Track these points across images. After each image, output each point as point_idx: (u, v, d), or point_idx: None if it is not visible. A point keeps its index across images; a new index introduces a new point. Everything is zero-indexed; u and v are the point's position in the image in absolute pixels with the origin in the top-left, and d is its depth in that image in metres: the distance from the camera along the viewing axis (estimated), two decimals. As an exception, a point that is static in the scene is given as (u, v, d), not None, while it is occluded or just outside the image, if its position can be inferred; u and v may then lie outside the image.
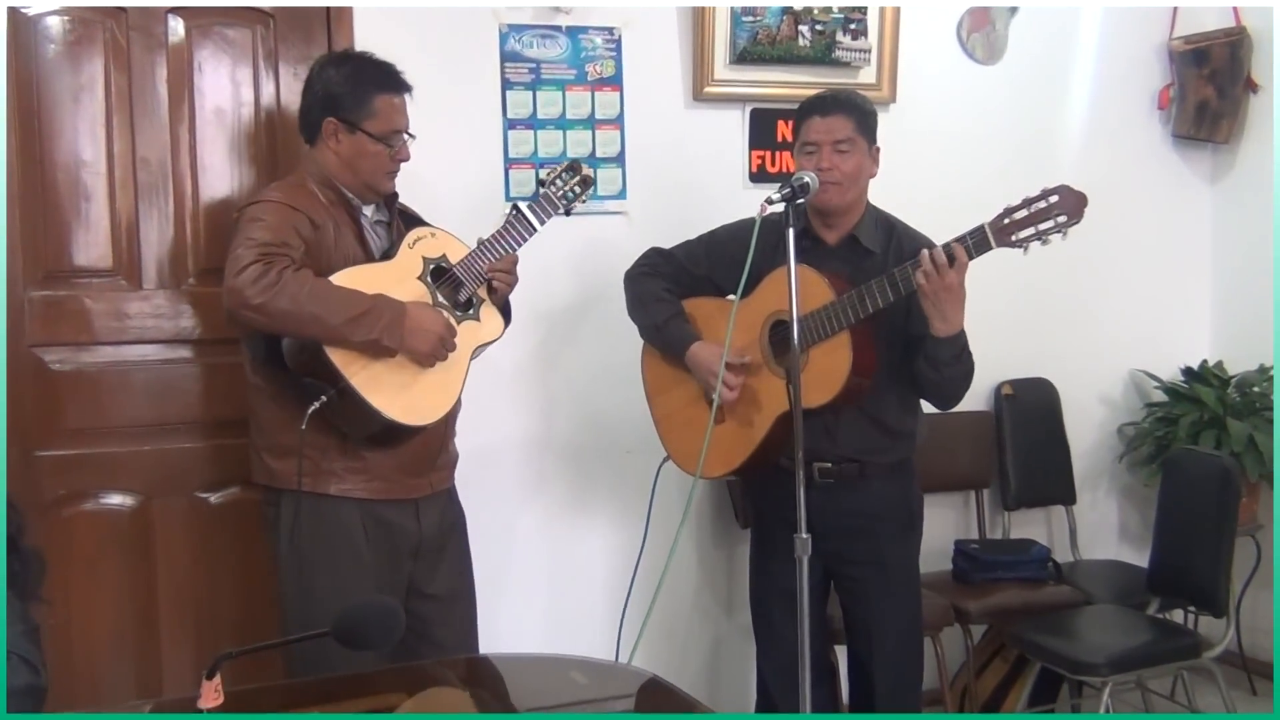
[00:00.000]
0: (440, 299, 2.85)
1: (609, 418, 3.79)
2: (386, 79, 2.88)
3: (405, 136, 2.89)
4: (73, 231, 3.27)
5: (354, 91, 2.84)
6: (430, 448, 2.92)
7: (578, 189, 3.04)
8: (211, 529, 3.41)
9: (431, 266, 2.86)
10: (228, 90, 3.37)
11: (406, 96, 2.91)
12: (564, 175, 3.04)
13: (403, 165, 2.93)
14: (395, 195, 3.01)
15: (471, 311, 2.90)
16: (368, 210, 2.94)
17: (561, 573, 3.81)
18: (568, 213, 3.05)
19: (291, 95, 3.40)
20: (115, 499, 3.34)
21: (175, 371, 3.38)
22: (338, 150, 2.86)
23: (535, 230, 2.96)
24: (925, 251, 2.78)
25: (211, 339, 3.38)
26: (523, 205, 2.98)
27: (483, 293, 2.92)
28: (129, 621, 3.34)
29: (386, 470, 2.85)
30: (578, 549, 3.82)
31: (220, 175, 3.37)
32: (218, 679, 1.67)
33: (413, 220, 3.02)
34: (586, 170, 3.06)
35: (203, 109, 3.34)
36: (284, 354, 2.75)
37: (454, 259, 2.89)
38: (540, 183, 3.03)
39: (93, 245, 3.29)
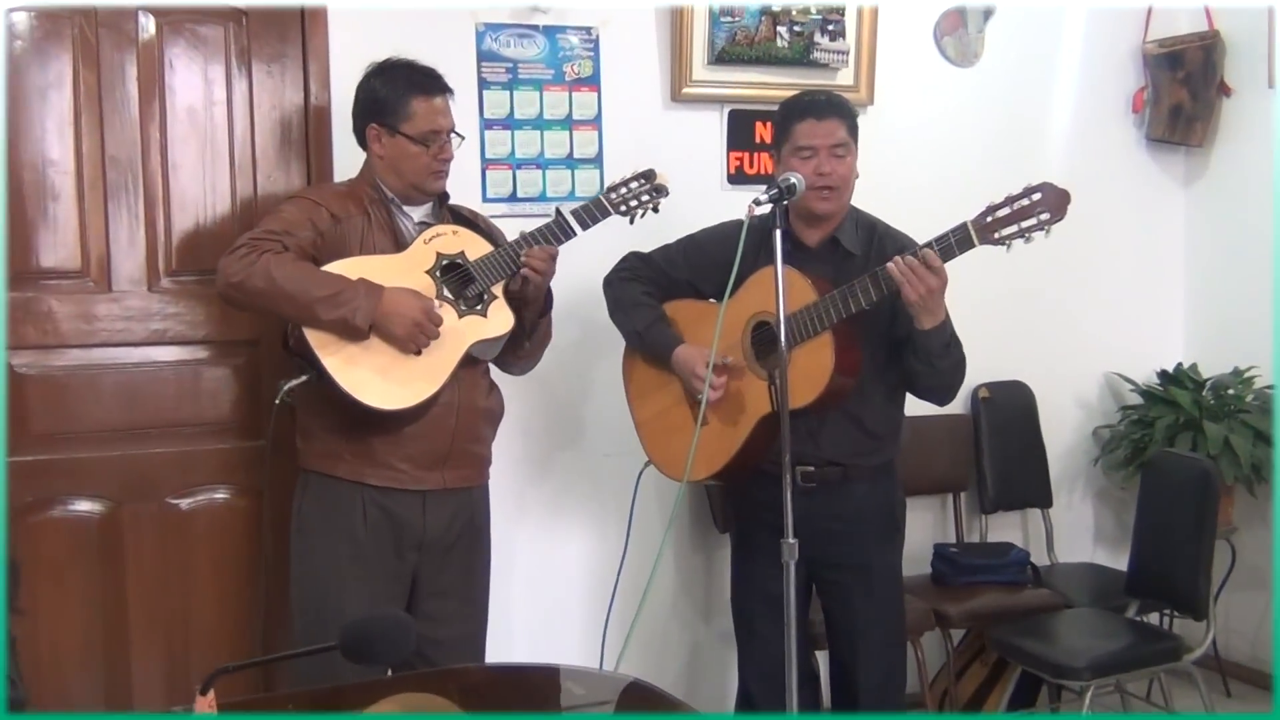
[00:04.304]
0: (446, 293, 2.88)
1: (587, 422, 3.77)
2: (422, 81, 2.94)
3: (447, 136, 2.95)
4: (39, 231, 3.20)
5: (391, 96, 2.91)
6: (437, 442, 2.92)
7: (647, 196, 3.06)
8: (182, 535, 3.36)
9: (444, 262, 2.90)
10: (199, 89, 3.31)
11: (449, 98, 2.97)
12: (633, 182, 3.07)
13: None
14: (447, 196, 3.06)
15: (479, 308, 2.91)
16: (417, 212, 3.00)
17: (540, 579, 3.76)
18: (630, 219, 3.08)
19: (264, 93, 3.37)
20: (84, 505, 3.28)
21: (145, 375, 3.32)
22: (382, 154, 2.94)
23: (572, 234, 2.99)
24: (896, 260, 2.75)
25: (182, 341, 3.33)
26: (565, 209, 3.01)
27: (496, 290, 2.93)
28: (98, 631, 3.28)
29: (392, 459, 2.89)
30: (556, 555, 3.78)
31: (192, 175, 3.31)
32: (211, 695, 1.61)
33: (465, 220, 3.05)
34: (661, 178, 3.07)
35: (174, 107, 3.29)
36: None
37: (473, 257, 2.92)
38: (609, 188, 3.07)
39: (60, 246, 3.22)
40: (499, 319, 2.94)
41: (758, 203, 2.65)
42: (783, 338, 2.63)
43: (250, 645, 3.37)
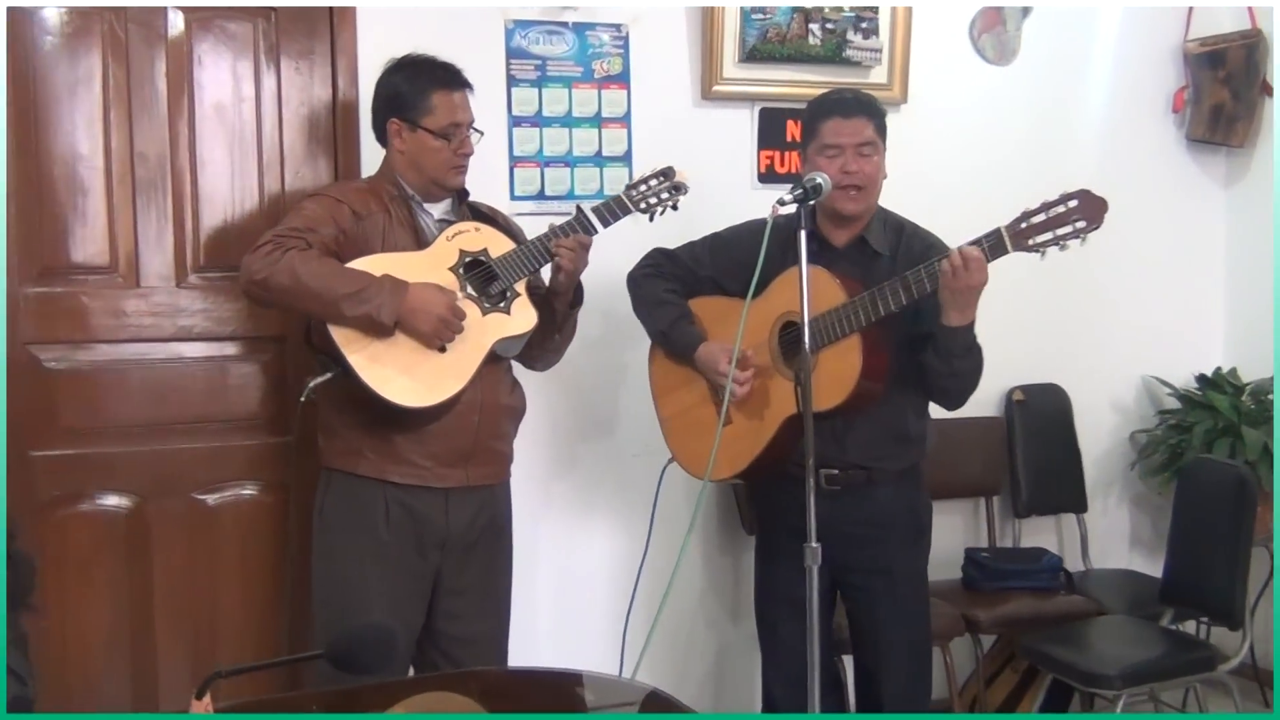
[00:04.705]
0: (469, 290, 2.87)
1: (615, 419, 3.75)
2: (443, 76, 2.93)
3: (468, 131, 2.95)
4: (69, 227, 3.21)
5: (412, 91, 2.91)
6: (460, 440, 2.91)
7: (666, 194, 3.05)
8: (209, 531, 3.36)
9: (468, 259, 2.90)
10: (228, 85, 3.31)
11: (468, 93, 2.97)
12: (652, 179, 3.06)
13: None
14: (466, 193, 3.06)
15: (502, 305, 2.90)
16: (437, 209, 3.00)
17: (566, 578, 3.75)
18: (650, 216, 3.07)
19: (293, 89, 3.37)
20: (111, 500, 3.29)
21: (173, 371, 3.32)
22: (402, 149, 2.94)
23: (593, 231, 2.99)
24: (954, 251, 2.70)
25: (210, 337, 3.34)
26: (586, 206, 3.00)
27: (519, 288, 2.93)
28: (124, 626, 3.29)
29: (415, 457, 2.88)
30: (583, 553, 3.77)
31: (220, 171, 3.31)
32: (207, 699, 1.60)
33: (484, 217, 3.05)
34: (680, 176, 3.06)
35: (202, 104, 3.29)
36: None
37: (495, 255, 2.92)
38: (629, 185, 3.08)
39: (89, 241, 3.23)
40: (522, 317, 2.94)
41: (782, 202, 2.62)
42: (806, 340, 2.60)
43: (277, 642, 3.37)
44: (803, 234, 2.58)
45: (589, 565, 3.77)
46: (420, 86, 2.90)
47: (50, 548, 3.18)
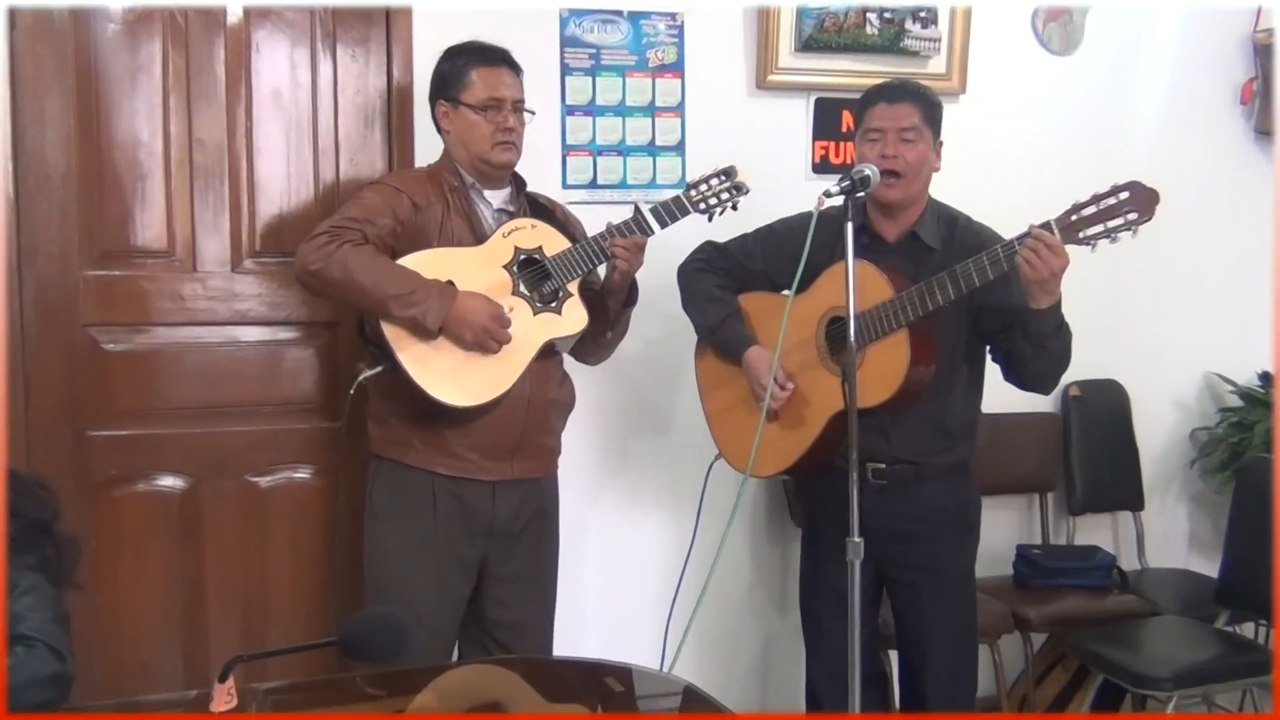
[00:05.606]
0: (521, 288, 2.89)
1: (671, 418, 3.75)
2: (482, 53, 2.96)
3: (511, 107, 2.93)
4: (129, 212, 3.26)
5: (454, 70, 2.95)
6: (507, 434, 2.92)
7: (726, 194, 3.04)
8: (261, 513, 3.41)
9: (522, 257, 2.90)
10: (285, 72, 3.34)
11: (515, 72, 2.97)
12: (713, 179, 3.04)
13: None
14: (524, 183, 3.06)
15: (554, 305, 2.91)
16: (496, 198, 3.01)
17: (615, 569, 3.76)
18: (709, 217, 3.05)
19: (349, 77, 3.39)
20: (166, 481, 3.34)
21: (228, 354, 3.37)
22: (449, 129, 2.97)
23: (650, 232, 2.97)
24: (1025, 244, 2.65)
25: (264, 322, 3.38)
26: (643, 206, 2.99)
27: (572, 288, 2.93)
28: (176, 605, 3.35)
29: (462, 450, 2.90)
30: (632, 545, 3.77)
31: (276, 158, 3.35)
32: (230, 682, 1.62)
33: (543, 209, 3.06)
34: (741, 176, 3.04)
35: (259, 90, 3.32)
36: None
37: (550, 253, 2.92)
38: (689, 185, 3.05)
39: (148, 226, 3.28)
40: (573, 317, 2.95)
41: (828, 194, 2.60)
42: (851, 335, 2.58)
43: (326, 623, 3.41)
44: (849, 227, 2.56)
45: (638, 555, 3.77)
46: (460, 65, 2.94)
47: (105, 527, 3.25)
